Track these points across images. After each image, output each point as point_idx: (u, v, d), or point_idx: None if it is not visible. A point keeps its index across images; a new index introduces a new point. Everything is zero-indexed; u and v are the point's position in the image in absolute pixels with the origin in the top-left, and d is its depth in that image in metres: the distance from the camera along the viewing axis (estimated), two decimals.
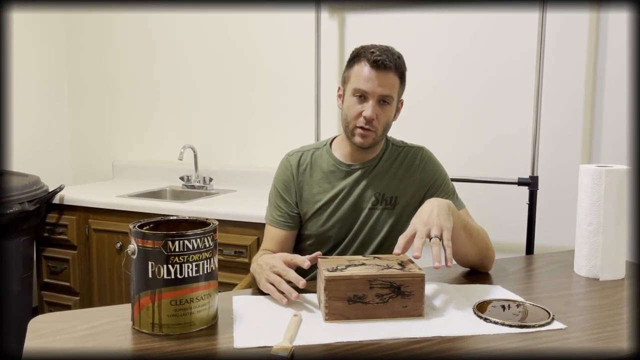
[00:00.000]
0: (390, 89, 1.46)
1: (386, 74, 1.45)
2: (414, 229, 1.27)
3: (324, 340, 1.06)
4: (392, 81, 1.46)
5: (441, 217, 1.26)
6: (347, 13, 2.65)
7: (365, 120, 1.46)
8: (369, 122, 1.46)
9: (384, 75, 1.45)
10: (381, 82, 1.45)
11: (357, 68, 1.48)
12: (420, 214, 1.30)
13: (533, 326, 1.11)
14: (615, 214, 1.42)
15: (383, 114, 1.48)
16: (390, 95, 1.47)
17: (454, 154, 2.47)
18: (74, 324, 1.13)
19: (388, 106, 1.48)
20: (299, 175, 1.60)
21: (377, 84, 1.44)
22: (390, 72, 1.45)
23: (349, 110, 1.50)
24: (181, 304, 1.08)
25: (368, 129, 1.47)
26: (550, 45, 2.28)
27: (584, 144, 2.32)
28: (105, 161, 3.37)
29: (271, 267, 1.30)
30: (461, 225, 1.35)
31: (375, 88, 1.45)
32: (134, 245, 1.09)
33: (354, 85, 1.47)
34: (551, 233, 2.35)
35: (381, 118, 1.48)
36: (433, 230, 1.24)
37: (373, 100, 1.45)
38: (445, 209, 1.29)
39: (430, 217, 1.27)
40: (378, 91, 1.45)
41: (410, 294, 1.16)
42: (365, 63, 1.46)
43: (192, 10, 3.02)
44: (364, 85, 1.45)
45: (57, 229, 2.70)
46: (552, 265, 1.58)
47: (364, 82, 1.45)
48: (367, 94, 1.46)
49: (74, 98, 3.42)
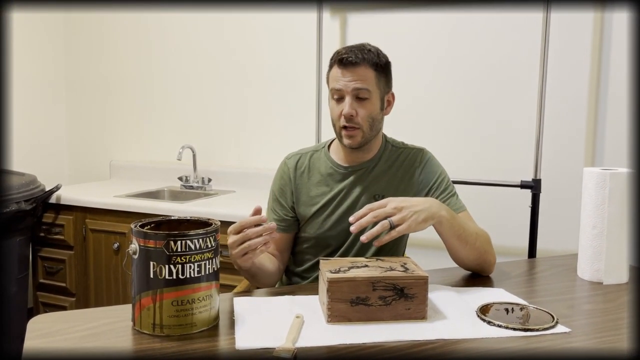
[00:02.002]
0: (363, 82, 1.46)
1: (355, 69, 1.45)
2: (385, 203, 1.29)
3: (326, 342, 1.05)
4: (364, 74, 1.46)
5: (415, 214, 1.28)
6: (349, 13, 2.65)
7: (345, 118, 1.46)
8: (349, 119, 1.46)
9: (352, 71, 1.45)
10: (351, 77, 1.45)
11: (331, 71, 1.51)
12: (405, 198, 1.33)
13: (537, 329, 1.10)
14: (619, 218, 1.41)
15: (363, 108, 1.47)
16: (364, 88, 1.46)
17: (456, 156, 2.47)
18: (74, 324, 1.12)
19: (367, 101, 1.47)
20: (297, 178, 1.59)
21: (348, 80, 1.45)
22: (359, 66, 1.45)
23: (332, 113, 1.52)
24: (183, 304, 1.07)
25: (352, 127, 1.47)
26: (554, 46, 2.28)
27: (588, 146, 2.32)
28: (102, 161, 3.36)
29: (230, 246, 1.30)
30: (454, 235, 1.36)
31: (347, 84, 1.45)
32: (136, 245, 1.08)
33: (330, 87, 1.50)
34: (554, 236, 2.35)
35: (362, 113, 1.47)
36: (396, 216, 1.27)
37: (348, 96, 1.46)
38: (430, 212, 1.30)
39: (407, 206, 1.29)
40: (350, 86, 1.45)
41: (414, 297, 1.15)
42: (335, 65, 1.48)
43: (191, 10, 3.01)
44: (337, 84, 1.47)
45: (53, 229, 2.68)
46: (555, 268, 1.57)
47: (337, 81, 1.47)
48: (341, 92, 1.47)
49: (72, 97, 3.41)
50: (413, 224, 1.28)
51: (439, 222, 1.33)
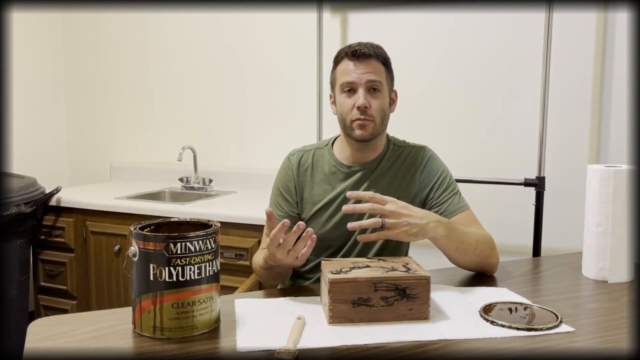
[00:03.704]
0: (376, 74, 1.47)
1: (368, 61, 1.47)
2: (390, 201, 1.28)
3: (328, 343, 1.04)
4: (376, 67, 1.48)
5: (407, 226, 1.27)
6: (350, 12, 2.64)
7: (359, 110, 1.46)
8: (363, 111, 1.46)
9: (366, 63, 1.46)
10: (365, 69, 1.46)
11: (340, 66, 1.51)
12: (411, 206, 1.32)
13: (541, 329, 1.09)
14: (624, 215, 1.40)
15: (376, 101, 1.47)
16: (378, 80, 1.47)
17: (460, 154, 2.46)
18: (75, 328, 1.12)
19: (379, 93, 1.48)
20: (300, 176, 1.58)
21: (361, 72, 1.46)
22: (371, 59, 1.47)
23: (342, 107, 1.50)
24: (183, 307, 1.06)
25: (365, 119, 1.47)
26: (557, 43, 2.27)
27: (592, 143, 2.30)
28: (103, 162, 3.35)
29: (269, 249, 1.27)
30: (452, 248, 1.36)
31: (360, 76, 1.46)
32: (135, 247, 1.08)
33: (340, 82, 1.49)
34: (558, 235, 2.34)
35: (375, 106, 1.47)
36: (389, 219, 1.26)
37: (362, 88, 1.46)
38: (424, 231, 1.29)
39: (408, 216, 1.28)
40: (364, 78, 1.46)
41: (416, 297, 1.14)
42: (345, 58, 1.49)
43: (191, 10, 3.00)
44: (350, 77, 1.47)
45: (54, 231, 2.67)
46: (560, 267, 1.56)
47: (349, 74, 1.47)
48: (354, 84, 1.47)
49: (71, 99, 3.40)
50: (403, 234, 1.28)
51: (434, 238, 1.33)
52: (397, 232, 1.27)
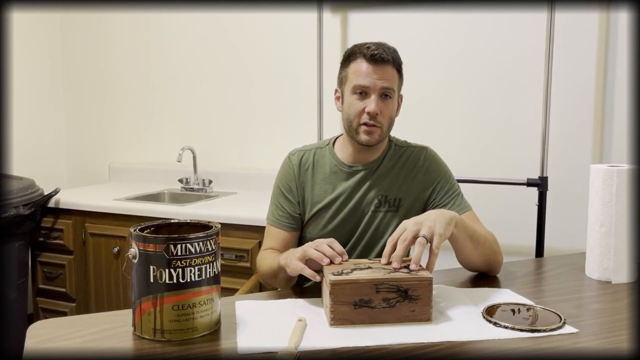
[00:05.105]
0: (391, 82, 1.45)
1: (385, 67, 1.44)
2: (404, 227, 1.23)
3: (329, 345, 1.04)
4: (392, 74, 1.46)
5: (437, 223, 1.22)
6: (350, 12, 2.63)
7: (369, 115, 1.44)
8: (373, 117, 1.44)
9: (382, 69, 1.44)
10: (381, 75, 1.43)
11: (354, 65, 1.46)
12: (415, 216, 1.27)
13: (544, 330, 1.08)
14: (627, 216, 1.39)
15: (386, 108, 1.46)
16: (392, 87, 1.45)
17: (462, 154, 2.45)
18: (74, 330, 1.11)
19: (390, 100, 1.47)
20: (301, 175, 1.57)
21: (377, 77, 1.43)
22: (388, 65, 1.44)
23: (351, 108, 1.47)
24: (183, 309, 1.06)
25: (373, 125, 1.45)
26: (560, 43, 2.26)
27: (595, 143, 2.29)
28: (101, 163, 3.34)
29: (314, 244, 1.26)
30: (467, 236, 1.33)
31: (375, 82, 1.43)
32: (135, 249, 1.07)
33: (353, 83, 1.46)
34: (561, 235, 2.33)
35: (385, 112, 1.46)
36: (423, 230, 1.21)
37: (375, 94, 1.44)
38: (446, 218, 1.25)
39: (424, 219, 1.23)
40: (379, 85, 1.43)
41: (418, 298, 1.13)
42: (362, 59, 1.45)
43: (190, 10, 3.00)
44: (364, 80, 1.43)
45: (52, 233, 2.66)
46: (563, 268, 1.56)
47: (364, 77, 1.44)
48: (368, 89, 1.44)
49: (70, 99, 3.39)
50: (442, 230, 1.22)
51: (456, 225, 1.28)
52: (439, 234, 1.21)
